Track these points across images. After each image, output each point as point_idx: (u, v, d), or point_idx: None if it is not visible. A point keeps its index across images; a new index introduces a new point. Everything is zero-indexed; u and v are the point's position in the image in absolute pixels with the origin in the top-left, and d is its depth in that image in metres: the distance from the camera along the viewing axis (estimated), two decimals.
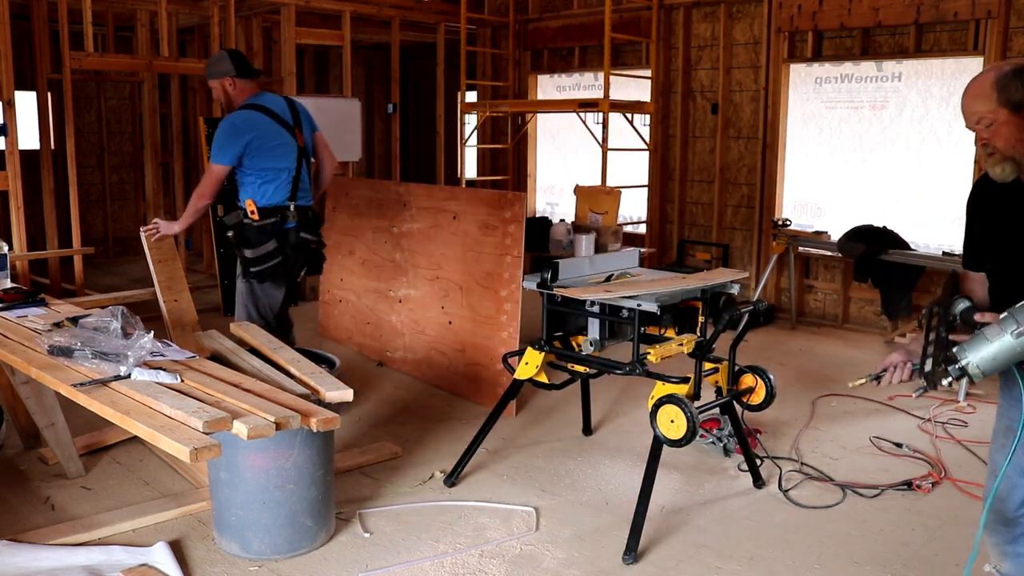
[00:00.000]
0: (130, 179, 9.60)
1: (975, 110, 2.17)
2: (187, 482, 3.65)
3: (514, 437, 4.27)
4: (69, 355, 2.91)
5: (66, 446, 3.64)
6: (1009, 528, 2.34)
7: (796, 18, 6.61)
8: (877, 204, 6.47)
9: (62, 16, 6.45)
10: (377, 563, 3.05)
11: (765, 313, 6.77)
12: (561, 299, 3.48)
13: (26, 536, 3.11)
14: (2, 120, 6.02)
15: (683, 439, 3.08)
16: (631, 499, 3.26)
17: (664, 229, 7.75)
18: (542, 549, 3.17)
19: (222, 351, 3.40)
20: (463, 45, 8.04)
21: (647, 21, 7.44)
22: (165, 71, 7.47)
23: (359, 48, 9.84)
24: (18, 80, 6.33)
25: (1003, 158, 2.17)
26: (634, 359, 3.30)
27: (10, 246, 5.89)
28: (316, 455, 3.04)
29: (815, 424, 4.52)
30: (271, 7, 7.56)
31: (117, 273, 8.67)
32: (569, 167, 8.49)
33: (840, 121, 6.72)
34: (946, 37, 6.06)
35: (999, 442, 2.36)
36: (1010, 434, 2.28)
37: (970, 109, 2.19)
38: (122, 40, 8.25)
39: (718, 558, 3.12)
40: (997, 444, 2.38)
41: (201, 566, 3.01)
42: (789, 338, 6.44)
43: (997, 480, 2.20)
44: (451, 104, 8.88)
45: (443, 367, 5.06)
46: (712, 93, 7.29)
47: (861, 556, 3.15)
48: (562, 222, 6.44)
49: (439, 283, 5.07)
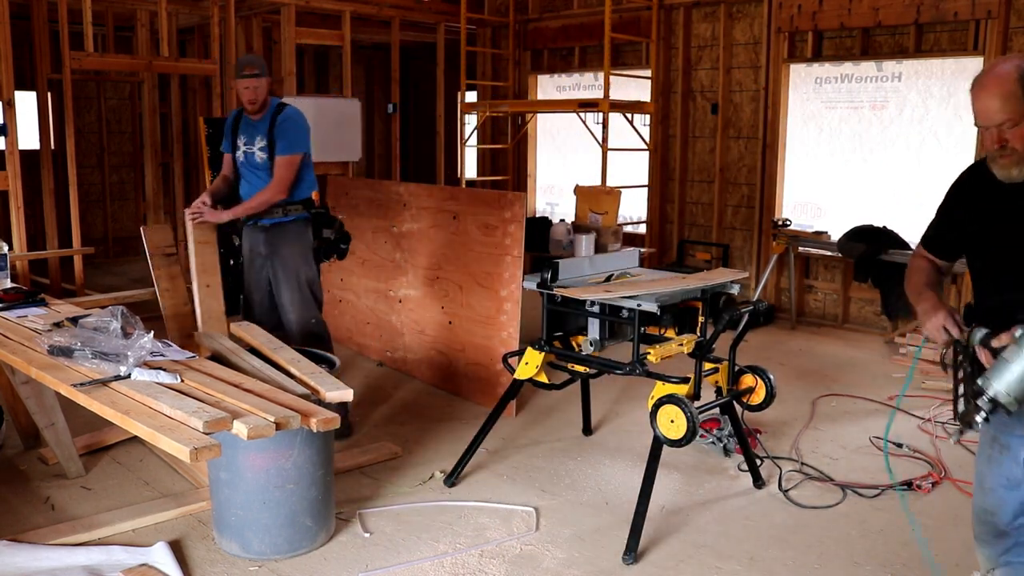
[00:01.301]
0: (130, 179, 9.60)
1: (996, 109, 2.02)
2: (187, 482, 3.65)
3: (514, 437, 4.27)
4: (69, 355, 2.91)
5: (66, 446, 3.64)
6: (1001, 540, 2.27)
7: (796, 18, 6.61)
8: (877, 204, 6.47)
9: (62, 16, 6.45)
10: (377, 563, 3.05)
11: (765, 313, 6.77)
12: (561, 299, 3.48)
13: (26, 536, 3.11)
14: (2, 120, 6.01)
15: (683, 439, 3.08)
16: (631, 499, 3.26)
17: (664, 229, 7.75)
18: (542, 549, 3.17)
19: (222, 351, 3.40)
20: (463, 45, 8.05)
21: (647, 21, 7.44)
22: (165, 71, 7.47)
23: (359, 48, 9.83)
24: (18, 80, 6.32)
25: (1021, 159, 2.05)
26: (634, 359, 3.29)
27: (10, 246, 5.88)
28: (316, 455, 3.04)
29: (815, 424, 4.52)
30: (271, 7, 7.56)
31: (117, 273, 8.67)
32: (569, 167, 8.49)
33: (840, 121, 6.72)
34: (946, 37, 6.06)
35: (985, 453, 2.29)
36: (996, 445, 2.22)
37: (990, 108, 2.03)
38: (122, 40, 8.25)
39: (718, 558, 3.12)
40: (984, 455, 2.30)
41: (201, 566, 3.01)
42: (789, 338, 6.44)
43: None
44: (451, 104, 8.88)
45: (443, 367, 5.06)
46: (712, 93, 7.29)
47: (861, 556, 3.15)
48: (562, 222, 6.45)
49: (439, 283, 5.07)
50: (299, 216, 4.29)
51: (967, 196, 2.30)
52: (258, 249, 4.32)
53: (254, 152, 4.28)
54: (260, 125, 4.25)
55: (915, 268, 2.44)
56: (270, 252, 4.28)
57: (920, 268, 2.43)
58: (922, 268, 2.43)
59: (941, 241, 2.42)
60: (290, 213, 4.26)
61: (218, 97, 7.40)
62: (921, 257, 2.47)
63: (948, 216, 2.36)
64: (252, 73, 4.18)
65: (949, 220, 2.36)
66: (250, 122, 4.30)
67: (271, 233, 4.27)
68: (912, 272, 2.45)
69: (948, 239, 2.40)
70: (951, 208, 2.35)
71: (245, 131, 4.33)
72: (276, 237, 4.27)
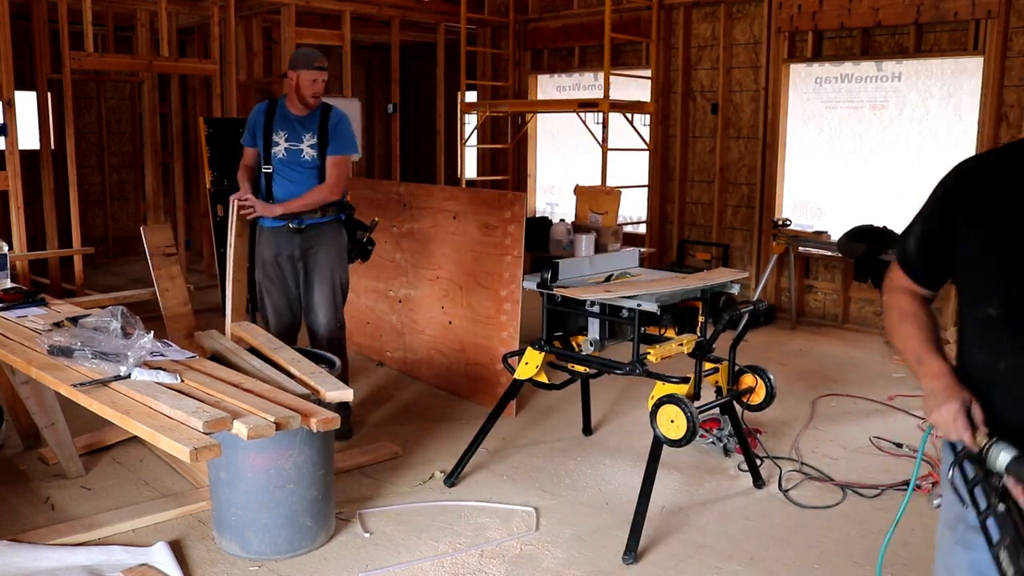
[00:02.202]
0: (130, 179, 9.60)
1: None
2: (187, 482, 3.65)
3: (514, 437, 4.27)
4: (69, 355, 2.91)
5: (66, 446, 3.64)
6: None
7: (796, 18, 6.61)
8: (877, 204, 6.47)
9: (62, 16, 6.45)
10: (377, 563, 3.05)
11: (765, 313, 6.76)
12: (561, 299, 3.48)
13: (26, 536, 3.11)
14: (2, 120, 6.01)
15: (683, 439, 3.08)
16: (631, 499, 3.26)
17: (664, 229, 7.75)
18: (542, 549, 3.17)
19: (222, 351, 3.40)
20: (463, 45, 8.05)
21: (647, 21, 7.44)
22: (165, 71, 7.47)
23: (359, 48, 9.83)
24: (18, 80, 6.33)
25: None
26: (634, 359, 3.29)
27: (10, 246, 5.89)
28: (316, 455, 3.04)
29: (815, 424, 4.52)
30: (271, 7, 7.56)
31: (117, 273, 8.67)
32: (569, 167, 8.49)
33: (840, 121, 6.72)
34: (946, 37, 6.06)
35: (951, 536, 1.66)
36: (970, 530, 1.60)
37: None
38: (122, 40, 8.25)
39: (718, 558, 3.12)
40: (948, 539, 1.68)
41: (201, 566, 3.01)
42: (789, 338, 6.44)
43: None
44: (451, 104, 8.88)
45: (443, 367, 5.06)
46: (712, 93, 7.29)
47: (861, 556, 3.15)
48: (562, 222, 6.45)
49: (439, 283, 5.07)
50: (335, 217, 4.20)
51: (977, 196, 1.59)
52: (287, 250, 4.15)
53: (301, 149, 4.10)
54: (308, 122, 4.10)
55: (901, 311, 1.76)
56: (303, 253, 4.16)
57: (908, 313, 1.75)
58: (911, 312, 1.75)
59: (929, 262, 1.72)
60: (327, 214, 4.16)
61: (218, 97, 7.40)
62: (903, 292, 1.78)
63: (942, 225, 1.65)
64: (323, 66, 4.04)
65: (943, 232, 1.65)
66: (292, 117, 4.11)
67: (307, 234, 4.13)
68: (898, 318, 1.76)
69: (940, 259, 1.68)
70: (947, 214, 1.64)
71: (285, 126, 4.12)
72: (313, 238, 4.15)
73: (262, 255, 4.24)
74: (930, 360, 1.65)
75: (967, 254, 1.60)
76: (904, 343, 1.73)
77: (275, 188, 4.16)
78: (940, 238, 1.66)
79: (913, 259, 1.74)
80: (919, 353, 1.68)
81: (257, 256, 4.27)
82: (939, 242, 1.66)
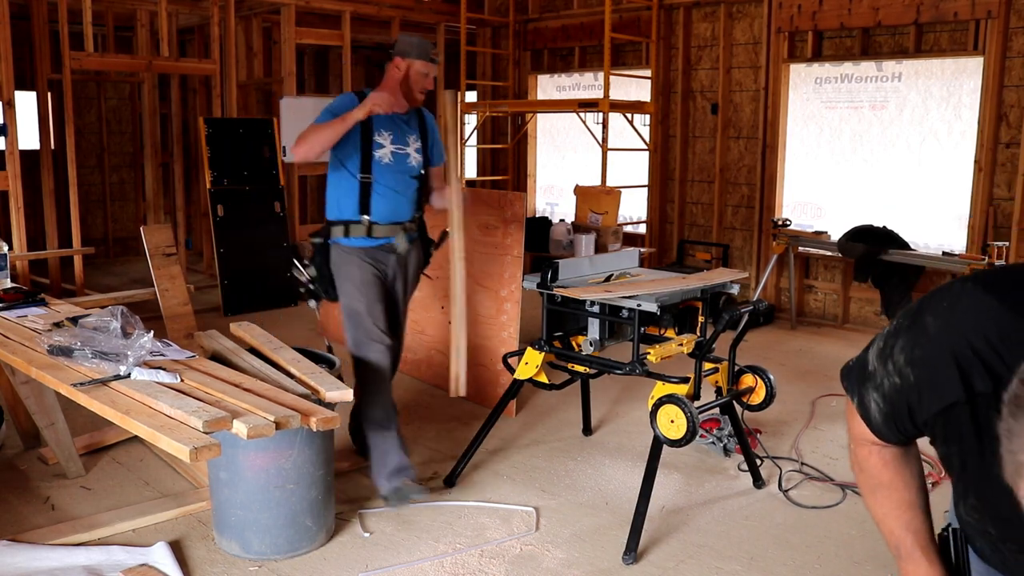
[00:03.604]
0: (130, 179, 9.60)
1: None
2: (187, 482, 3.65)
3: (514, 437, 4.27)
4: (69, 355, 2.91)
5: (66, 446, 3.64)
6: None
7: (796, 18, 6.62)
8: (877, 204, 6.47)
9: (62, 16, 6.45)
10: (377, 563, 3.05)
11: (765, 313, 6.76)
12: (561, 299, 3.48)
13: (26, 536, 3.11)
14: (2, 120, 6.02)
15: (683, 439, 3.07)
16: (631, 499, 3.26)
17: (664, 229, 7.75)
18: (542, 549, 3.17)
19: (222, 351, 3.40)
20: (463, 45, 8.05)
21: (647, 21, 7.44)
22: (165, 71, 7.47)
23: (359, 48, 9.83)
24: (18, 80, 6.33)
25: None
26: (634, 359, 3.29)
27: (10, 246, 5.89)
28: (316, 455, 3.04)
29: (815, 424, 4.52)
30: (271, 7, 7.56)
31: (117, 273, 8.67)
32: (569, 167, 8.50)
33: (840, 121, 6.72)
34: (946, 37, 6.06)
35: None
36: None
37: None
38: (122, 40, 8.26)
39: (718, 558, 3.12)
40: None
41: (201, 566, 3.01)
42: (789, 338, 6.44)
43: None
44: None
45: (443, 367, 5.04)
46: (712, 93, 7.29)
47: (861, 556, 3.14)
48: (562, 222, 6.45)
49: (439, 283, 5.06)
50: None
51: (986, 361, 1.11)
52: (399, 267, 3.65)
53: (407, 154, 3.52)
54: (411, 123, 3.57)
55: (880, 480, 1.42)
56: (403, 270, 3.68)
57: (886, 483, 1.42)
58: (891, 483, 1.42)
59: (907, 423, 1.29)
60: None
61: (218, 97, 7.40)
62: (879, 461, 1.42)
63: (924, 387, 1.20)
64: (437, 58, 3.53)
65: (930, 395, 1.19)
66: (394, 115, 3.48)
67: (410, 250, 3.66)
68: (870, 487, 1.44)
69: (918, 420, 1.25)
70: (936, 368, 1.18)
71: (388, 126, 3.48)
72: (410, 255, 3.68)
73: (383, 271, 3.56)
74: (918, 555, 1.40)
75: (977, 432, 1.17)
76: (881, 522, 1.43)
77: (374, 202, 3.45)
78: (929, 400, 1.22)
79: (887, 417, 1.35)
80: (899, 541, 1.41)
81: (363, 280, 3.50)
82: (927, 404, 1.23)
